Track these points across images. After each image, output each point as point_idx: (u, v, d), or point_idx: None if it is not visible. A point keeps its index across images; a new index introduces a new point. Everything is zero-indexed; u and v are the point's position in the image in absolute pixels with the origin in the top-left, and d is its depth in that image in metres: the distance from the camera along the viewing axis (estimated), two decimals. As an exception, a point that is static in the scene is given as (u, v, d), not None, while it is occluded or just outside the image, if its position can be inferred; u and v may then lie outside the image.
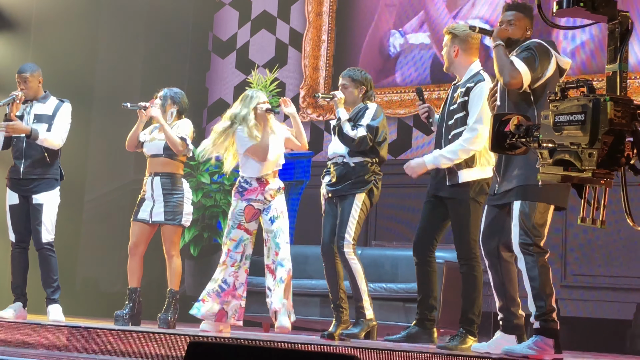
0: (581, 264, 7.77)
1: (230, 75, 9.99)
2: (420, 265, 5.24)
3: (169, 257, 6.23)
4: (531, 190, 4.32)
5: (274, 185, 5.95)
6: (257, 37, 9.95)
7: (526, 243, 4.32)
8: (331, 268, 5.82)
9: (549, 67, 4.36)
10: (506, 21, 4.55)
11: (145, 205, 6.24)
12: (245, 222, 5.94)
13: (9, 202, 6.39)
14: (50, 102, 6.46)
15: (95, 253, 9.47)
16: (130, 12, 10.08)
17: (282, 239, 5.87)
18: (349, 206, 5.71)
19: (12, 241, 6.41)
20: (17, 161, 6.34)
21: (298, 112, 9.42)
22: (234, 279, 5.91)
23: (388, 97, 9.00)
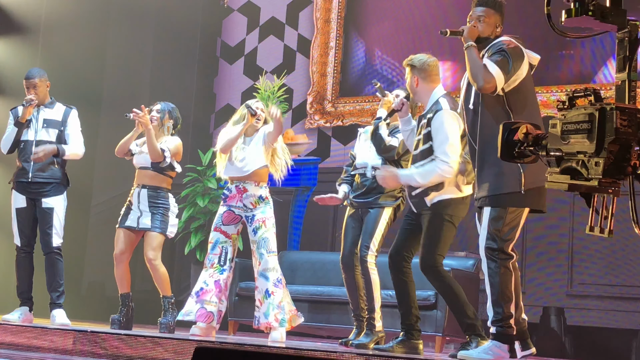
0: (588, 272, 7.75)
1: (238, 81, 10.00)
2: (395, 275, 5.15)
3: (152, 267, 6.23)
4: (502, 197, 4.33)
5: (255, 192, 5.93)
6: (265, 43, 9.97)
7: (491, 248, 4.34)
8: (351, 278, 5.80)
9: (521, 68, 4.32)
10: (475, 17, 4.48)
11: (132, 214, 6.26)
12: (222, 224, 5.95)
13: (16, 205, 6.39)
14: (57, 107, 6.49)
15: (102, 257, 9.46)
16: (138, 17, 10.11)
17: (265, 249, 5.85)
18: (377, 217, 5.71)
19: (17, 245, 6.40)
20: (25, 164, 6.35)
21: (305, 119, 9.51)
22: (216, 280, 5.90)
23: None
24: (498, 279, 4.31)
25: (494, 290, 4.33)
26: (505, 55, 4.29)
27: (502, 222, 4.32)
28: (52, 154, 6.32)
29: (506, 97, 4.34)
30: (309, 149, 9.27)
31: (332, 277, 7.24)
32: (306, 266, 7.51)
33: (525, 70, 4.36)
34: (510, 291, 4.35)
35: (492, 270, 4.33)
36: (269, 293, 5.78)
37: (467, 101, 4.50)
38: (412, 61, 5.09)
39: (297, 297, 6.88)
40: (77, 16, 9.67)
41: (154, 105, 6.49)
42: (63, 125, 6.42)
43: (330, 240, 8.93)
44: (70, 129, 6.44)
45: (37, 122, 6.38)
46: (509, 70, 4.27)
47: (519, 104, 4.34)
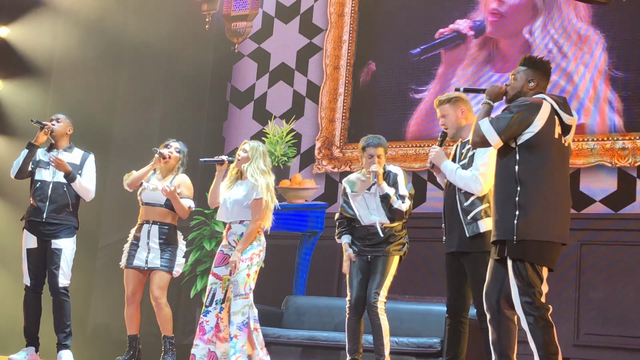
0: (594, 323, 7.71)
1: (247, 126, 10.07)
2: (453, 326, 5.23)
3: (158, 305, 6.24)
4: (510, 247, 4.32)
5: (237, 230, 5.96)
6: (274, 88, 10.05)
7: (525, 302, 4.28)
8: (357, 322, 5.85)
9: (532, 124, 4.32)
10: (511, 75, 4.60)
11: (140, 252, 6.27)
12: (214, 267, 6.00)
13: (27, 246, 6.41)
14: (76, 152, 6.58)
15: (108, 299, 9.47)
16: (149, 61, 10.21)
17: (233, 292, 5.83)
18: (386, 264, 5.83)
19: (26, 285, 6.41)
20: (40, 204, 6.38)
21: (313, 164, 9.54)
22: (200, 322, 5.93)
23: (403, 151, 9.04)
24: (539, 332, 4.25)
25: (538, 344, 4.25)
26: (510, 111, 4.36)
27: (526, 277, 4.28)
28: (68, 171, 6.37)
29: (518, 149, 4.36)
30: (316, 194, 9.30)
31: (338, 322, 7.24)
32: (312, 311, 7.51)
33: (540, 127, 4.34)
34: (555, 344, 4.27)
35: (532, 325, 4.26)
36: (232, 336, 5.79)
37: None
38: (454, 96, 5.28)
39: (304, 342, 6.88)
40: (88, 59, 9.77)
41: (169, 140, 6.54)
42: (80, 169, 6.50)
43: (337, 285, 8.91)
44: (86, 172, 6.51)
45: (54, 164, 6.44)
46: (505, 127, 4.32)
47: (529, 158, 4.33)
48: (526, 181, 4.30)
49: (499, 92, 4.55)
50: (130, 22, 9.93)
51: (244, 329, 5.79)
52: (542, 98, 4.42)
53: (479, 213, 5.07)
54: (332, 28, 9.76)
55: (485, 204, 5.10)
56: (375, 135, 6.03)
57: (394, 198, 5.78)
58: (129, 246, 6.35)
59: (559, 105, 4.41)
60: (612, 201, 7.90)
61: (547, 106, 4.37)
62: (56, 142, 6.53)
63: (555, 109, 4.39)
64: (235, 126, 10.19)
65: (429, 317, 7.12)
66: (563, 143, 4.42)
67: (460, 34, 8.95)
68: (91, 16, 9.80)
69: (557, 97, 4.47)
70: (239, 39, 10.41)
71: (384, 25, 9.52)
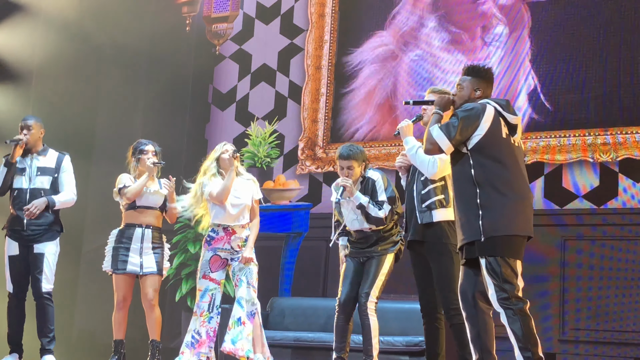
0: (579, 318, 7.74)
1: (230, 127, 10.05)
2: (429, 325, 5.29)
3: (151, 307, 6.23)
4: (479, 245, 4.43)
5: (242, 234, 5.95)
6: (256, 89, 10.03)
7: (502, 298, 4.36)
8: (345, 321, 5.84)
9: (478, 129, 4.51)
10: (457, 85, 4.78)
11: (132, 257, 6.24)
12: (211, 272, 5.96)
13: (9, 253, 6.37)
14: (50, 154, 6.51)
15: (92, 304, 9.43)
16: (130, 64, 10.17)
17: (247, 278, 5.86)
18: (378, 265, 5.83)
19: (9, 292, 6.38)
20: (19, 212, 6.34)
21: (296, 165, 9.54)
22: (206, 330, 5.89)
23: (386, 150, 9.05)
24: (519, 324, 4.32)
25: (517, 336, 4.32)
26: (455, 118, 4.55)
27: (500, 271, 4.37)
28: (43, 208, 6.32)
29: (470, 153, 4.53)
30: (300, 195, 9.29)
31: (324, 323, 7.23)
32: (298, 312, 7.50)
33: (485, 130, 4.51)
34: (535, 335, 4.35)
35: (510, 319, 4.34)
36: (240, 322, 5.77)
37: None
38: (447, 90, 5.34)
39: (290, 343, 6.87)
40: (69, 63, 9.72)
41: (140, 144, 6.51)
42: (57, 172, 6.44)
43: (322, 286, 8.90)
44: (64, 175, 6.47)
45: (31, 169, 6.39)
46: (453, 133, 4.51)
47: (482, 160, 4.51)
48: (484, 183, 4.47)
49: (447, 101, 4.76)
50: (110, 25, 9.89)
51: (251, 319, 5.80)
52: (485, 102, 4.62)
53: (433, 203, 5.21)
54: (313, 28, 9.76)
55: (440, 195, 5.24)
56: (350, 145, 6.03)
57: (369, 206, 5.79)
58: (115, 249, 6.30)
59: (502, 107, 4.60)
60: (594, 196, 7.93)
61: (490, 109, 4.57)
62: (31, 149, 6.47)
63: (499, 111, 4.58)
64: (218, 128, 10.18)
65: (414, 315, 7.11)
66: (512, 142, 4.61)
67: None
68: (71, 20, 9.75)
69: (499, 100, 4.69)
70: (219, 41, 10.39)
71: (365, 24, 9.52)
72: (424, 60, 9.04)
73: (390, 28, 9.30)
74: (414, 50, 9.12)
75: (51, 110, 9.20)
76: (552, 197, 8.08)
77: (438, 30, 9.02)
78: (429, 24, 9.08)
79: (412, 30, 9.16)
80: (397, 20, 9.30)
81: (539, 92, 8.30)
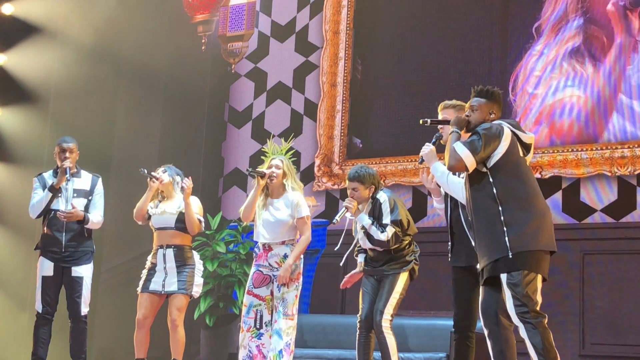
0: (600, 333, 7.70)
1: (246, 145, 10.08)
2: (460, 341, 5.29)
3: (174, 327, 6.21)
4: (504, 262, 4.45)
5: (280, 251, 5.94)
6: (272, 107, 10.07)
7: (522, 312, 4.38)
8: (367, 338, 5.86)
9: (499, 147, 4.56)
10: (470, 107, 4.82)
11: (157, 276, 6.25)
12: (254, 287, 5.95)
13: (43, 273, 6.33)
14: (84, 176, 6.55)
15: (111, 323, 9.45)
16: (148, 83, 10.23)
17: (282, 308, 5.82)
18: (392, 284, 5.85)
19: (38, 311, 6.35)
20: (57, 234, 6.34)
21: (313, 181, 9.55)
22: (256, 344, 5.87)
23: (402, 166, 9.05)
24: (539, 337, 4.33)
25: (538, 351, 4.33)
26: (477, 136, 4.58)
27: (521, 286, 4.40)
28: (79, 219, 6.37)
29: (490, 171, 4.58)
30: (317, 212, 9.30)
31: (342, 340, 7.21)
32: (317, 329, 7.48)
33: (505, 149, 4.57)
34: (554, 349, 4.36)
35: (531, 333, 4.36)
36: (282, 354, 5.75)
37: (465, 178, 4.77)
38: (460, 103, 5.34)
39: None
40: (86, 84, 9.79)
41: (161, 167, 6.53)
42: (91, 194, 6.49)
43: (340, 303, 8.89)
44: (97, 197, 6.51)
45: (66, 191, 6.43)
46: (478, 150, 4.54)
47: (502, 178, 4.55)
48: (506, 200, 4.51)
49: (463, 121, 4.78)
50: (127, 45, 9.96)
51: (287, 349, 5.78)
52: (500, 123, 4.68)
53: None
54: (328, 45, 9.79)
55: None
56: (359, 167, 6.04)
57: (371, 228, 5.81)
58: (147, 272, 6.33)
59: (515, 128, 4.68)
60: (613, 210, 7.90)
61: (507, 128, 4.63)
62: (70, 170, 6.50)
63: (514, 131, 4.65)
64: (234, 146, 10.21)
65: (433, 332, 7.11)
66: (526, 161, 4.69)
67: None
68: (88, 41, 9.83)
69: (510, 120, 4.76)
70: (235, 59, 10.44)
71: (380, 41, 9.54)
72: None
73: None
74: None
75: (68, 130, 9.20)
76: (571, 211, 8.06)
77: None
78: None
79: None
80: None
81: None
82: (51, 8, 9.75)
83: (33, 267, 9.18)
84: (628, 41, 8.10)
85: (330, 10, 9.86)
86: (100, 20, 9.96)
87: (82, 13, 9.87)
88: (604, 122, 8.07)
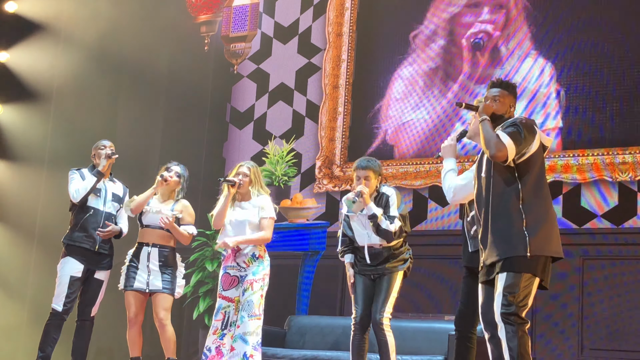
0: (599, 338, 7.69)
1: (247, 146, 10.09)
2: (461, 340, 5.26)
3: (162, 326, 6.24)
4: (513, 261, 4.37)
5: (248, 251, 5.97)
6: (274, 108, 10.07)
7: (507, 313, 4.33)
8: (361, 339, 5.86)
9: (533, 143, 4.47)
10: (491, 97, 4.67)
11: (140, 274, 6.26)
12: (222, 290, 6.00)
13: (71, 273, 6.33)
14: (118, 184, 6.68)
15: (109, 322, 9.45)
16: (149, 83, 10.24)
17: (247, 312, 5.84)
18: (390, 282, 5.85)
19: (56, 310, 6.31)
20: (93, 232, 6.38)
21: (314, 183, 9.55)
22: (217, 346, 5.90)
23: (404, 169, 9.05)
24: (516, 342, 4.30)
25: (512, 354, 4.31)
26: (518, 128, 4.44)
27: (518, 289, 4.35)
28: (115, 234, 6.49)
29: (517, 168, 4.45)
30: (317, 213, 9.30)
31: (341, 341, 7.21)
32: (315, 331, 7.48)
33: (536, 147, 4.48)
34: (529, 354, 4.33)
35: (509, 335, 4.32)
36: (247, 356, 5.76)
37: (480, 170, 4.63)
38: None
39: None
40: (88, 83, 9.80)
41: (171, 164, 6.54)
42: (121, 202, 6.55)
43: (339, 304, 8.89)
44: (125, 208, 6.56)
45: (106, 193, 6.46)
46: (521, 142, 4.42)
47: (528, 177, 4.44)
48: (530, 200, 4.40)
49: (490, 111, 4.63)
50: (129, 45, 9.97)
51: (258, 349, 5.80)
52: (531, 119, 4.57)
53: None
54: (331, 47, 9.80)
55: None
56: (368, 157, 6.09)
57: (381, 218, 5.80)
58: (127, 268, 6.34)
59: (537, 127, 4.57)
60: (613, 216, 7.89)
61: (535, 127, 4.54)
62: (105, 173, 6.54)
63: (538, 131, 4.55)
64: (236, 147, 10.21)
65: (432, 335, 7.10)
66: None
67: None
68: (91, 39, 9.84)
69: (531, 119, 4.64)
70: (238, 60, 10.45)
71: (382, 44, 9.55)
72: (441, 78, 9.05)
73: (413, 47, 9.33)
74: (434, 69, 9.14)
75: (70, 129, 9.27)
76: (571, 216, 8.05)
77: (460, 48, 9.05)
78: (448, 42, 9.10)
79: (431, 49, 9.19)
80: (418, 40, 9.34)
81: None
82: (54, 6, 9.77)
83: (33, 264, 9.21)
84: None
85: (334, 13, 9.87)
86: (104, 18, 9.97)
87: (85, 12, 9.88)
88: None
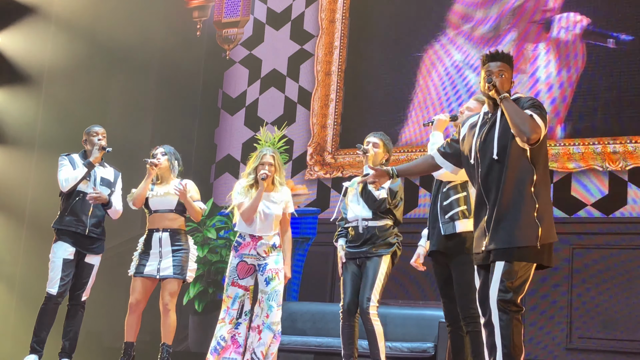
0: (586, 327, 7.73)
1: (239, 132, 10.08)
2: (454, 333, 5.23)
3: (166, 311, 6.21)
4: (519, 251, 4.26)
5: (269, 241, 5.93)
6: (266, 94, 10.06)
7: (504, 300, 4.23)
8: (350, 327, 5.81)
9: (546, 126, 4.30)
10: (496, 72, 4.36)
11: (152, 260, 6.24)
12: (239, 279, 5.93)
13: (64, 256, 6.29)
14: (108, 168, 6.62)
15: (99, 307, 9.44)
16: (141, 68, 10.21)
17: (275, 302, 5.83)
18: (376, 267, 5.77)
19: (51, 294, 6.27)
20: (83, 216, 6.35)
21: (305, 170, 9.55)
22: (231, 336, 5.86)
23: (394, 157, 9.05)
24: (510, 330, 4.23)
25: (505, 343, 4.23)
26: (541, 109, 4.27)
27: (516, 276, 4.24)
28: (104, 202, 6.40)
29: (530, 150, 4.27)
30: (308, 200, 9.30)
31: (331, 328, 7.23)
32: (306, 317, 7.50)
33: (546, 128, 4.31)
34: (521, 343, 4.26)
35: (504, 322, 4.24)
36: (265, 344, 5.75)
37: (485, 150, 4.38)
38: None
39: (298, 348, 6.86)
40: (79, 66, 9.76)
41: (155, 149, 6.53)
42: (113, 186, 6.53)
43: (330, 291, 8.91)
44: (117, 189, 6.55)
45: (95, 177, 6.44)
46: (546, 125, 4.27)
47: (540, 159, 4.30)
48: (541, 187, 4.26)
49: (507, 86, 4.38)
50: (121, 29, 9.93)
51: (277, 338, 5.80)
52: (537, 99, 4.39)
53: (456, 214, 5.07)
54: (323, 34, 9.78)
55: (463, 206, 5.09)
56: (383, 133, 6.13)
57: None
58: (139, 255, 6.32)
59: None
60: (603, 205, 7.92)
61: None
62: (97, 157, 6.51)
63: None
64: (227, 133, 10.20)
65: (422, 322, 7.14)
66: None
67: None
68: (82, 23, 9.80)
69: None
70: (230, 46, 10.42)
71: (375, 31, 9.54)
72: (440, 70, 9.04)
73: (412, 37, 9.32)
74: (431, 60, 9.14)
75: (61, 113, 9.23)
76: (561, 205, 8.08)
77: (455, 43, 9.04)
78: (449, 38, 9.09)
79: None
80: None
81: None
82: (46, -11, 9.72)
83: (22, 248, 9.19)
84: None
85: (327, -1, 9.85)
86: (95, 2, 9.93)
87: (77, -5, 9.84)
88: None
